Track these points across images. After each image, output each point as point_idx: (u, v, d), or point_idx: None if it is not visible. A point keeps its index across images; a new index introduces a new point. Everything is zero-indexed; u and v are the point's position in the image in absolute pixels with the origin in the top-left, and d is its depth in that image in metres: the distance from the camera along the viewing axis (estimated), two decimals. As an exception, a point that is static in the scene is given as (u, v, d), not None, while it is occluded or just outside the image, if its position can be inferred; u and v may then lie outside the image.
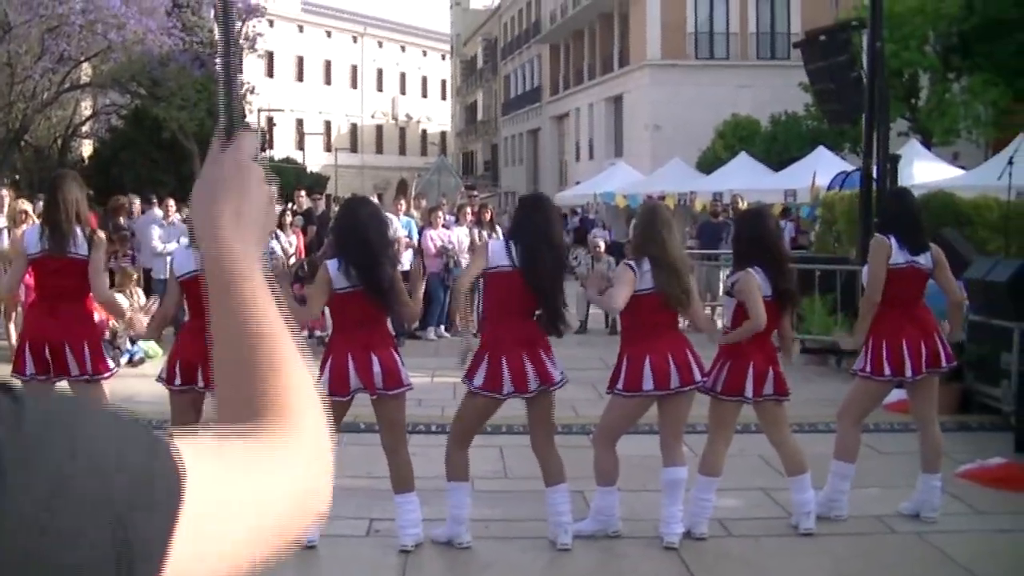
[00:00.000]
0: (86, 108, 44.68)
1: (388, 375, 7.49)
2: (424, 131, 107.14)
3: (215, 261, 1.48)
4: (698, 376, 7.74)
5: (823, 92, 18.75)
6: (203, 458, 1.12)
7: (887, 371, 8.29)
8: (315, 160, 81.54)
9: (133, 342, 15.85)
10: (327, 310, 8.07)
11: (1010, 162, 17.94)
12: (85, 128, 44.68)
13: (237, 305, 1.43)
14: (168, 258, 10.60)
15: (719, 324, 9.09)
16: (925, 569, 7.43)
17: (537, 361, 7.62)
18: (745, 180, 36.36)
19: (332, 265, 7.58)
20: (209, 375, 7.33)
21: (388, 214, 18.77)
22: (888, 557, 7.69)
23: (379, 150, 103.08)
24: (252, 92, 60.55)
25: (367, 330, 7.58)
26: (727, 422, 8.09)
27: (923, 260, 8.41)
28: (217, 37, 1.72)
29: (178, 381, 7.61)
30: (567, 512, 7.73)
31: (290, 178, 51.40)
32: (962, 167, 33.49)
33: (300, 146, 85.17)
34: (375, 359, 7.46)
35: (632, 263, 7.81)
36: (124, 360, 15.75)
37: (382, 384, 7.46)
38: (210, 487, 1.11)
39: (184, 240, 11.19)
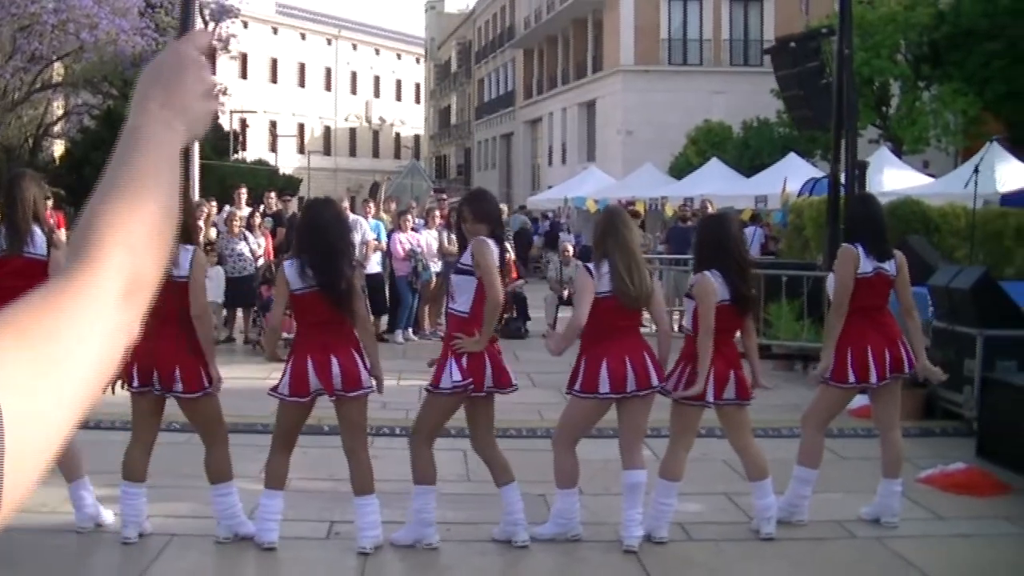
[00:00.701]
0: (58, 108, 44.51)
1: (347, 377, 7.47)
2: (398, 134, 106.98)
3: (131, 129, 1.52)
4: (655, 380, 7.75)
5: (793, 98, 18.83)
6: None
7: (851, 378, 8.32)
8: (288, 162, 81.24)
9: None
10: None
11: (976, 170, 18.05)
12: (57, 128, 44.51)
13: (128, 170, 1.46)
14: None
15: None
16: (884, 574, 7.46)
17: (497, 362, 7.65)
18: (716, 186, 36.47)
19: (289, 266, 7.59)
20: (169, 378, 7.33)
21: (357, 217, 18.83)
22: (848, 562, 7.72)
23: (352, 153, 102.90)
24: (225, 93, 60.53)
25: (327, 331, 7.56)
26: (688, 426, 8.11)
27: (888, 267, 8.45)
28: None
29: (136, 383, 7.58)
30: (521, 510, 7.75)
31: (262, 180, 51.21)
32: (932, 175, 33.65)
33: (273, 148, 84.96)
34: (334, 360, 7.44)
35: (590, 266, 7.83)
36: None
37: (341, 385, 7.44)
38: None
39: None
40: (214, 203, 21.21)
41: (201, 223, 18.76)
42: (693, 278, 8.27)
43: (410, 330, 19.43)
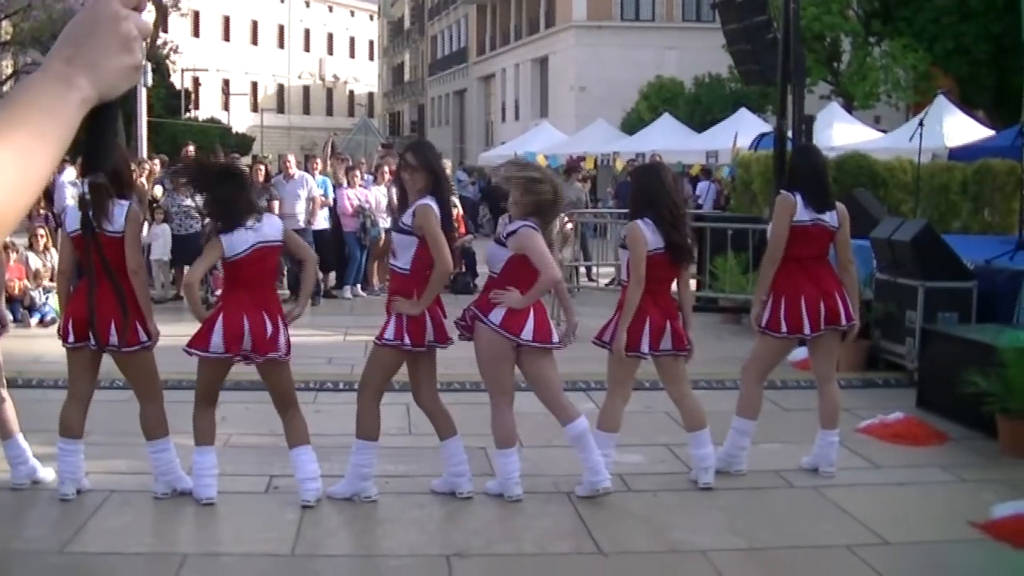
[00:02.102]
0: (6, 67, 44.05)
1: (273, 337, 7.50)
2: (351, 92, 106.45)
3: (26, 83, 1.54)
4: (555, 337, 7.78)
5: (740, 53, 18.81)
6: None
7: (783, 328, 8.35)
8: (241, 121, 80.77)
9: (45, 302, 15.69)
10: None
11: (921, 124, 18.12)
12: (5, 88, 44.06)
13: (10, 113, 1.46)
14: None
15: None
16: (819, 522, 7.51)
17: (437, 317, 7.65)
18: (668, 141, 36.58)
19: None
20: (105, 333, 7.28)
21: (304, 174, 18.75)
22: (784, 511, 7.77)
23: (306, 111, 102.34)
24: (176, 51, 60.06)
25: (261, 291, 7.62)
26: (624, 378, 8.13)
27: (828, 218, 8.45)
28: None
29: (71, 338, 7.53)
30: (465, 462, 7.77)
31: (214, 138, 50.95)
32: (883, 131, 33.81)
33: (226, 107, 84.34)
34: (267, 320, 7.45)
35: (521, 225, 7.73)
36: (35, 320, 15.60)
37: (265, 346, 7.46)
38: None
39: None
40: (157, 161, 21.03)
41: (145, 180, 18.72)
42: (626, 227, 8.28)
43: (358, 286, 19.38)
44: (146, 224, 17.83)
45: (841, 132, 30.38)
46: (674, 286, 8.28)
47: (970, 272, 12.13)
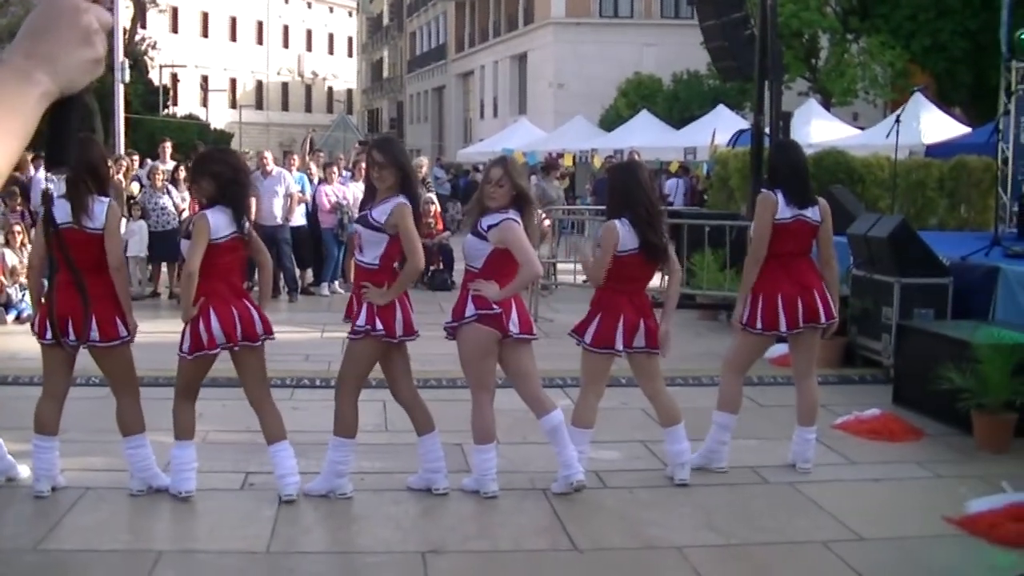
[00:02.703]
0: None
1: (251, 325, 7.53)
2: (330, 88, 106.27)
3: None
4: (535, 329, 7.84)
5: (717, 49, 18.84)
6: None
7: (759, 324, 8.36)
8: (220, 117, 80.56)
9: (21, 298, 15.63)
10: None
11: (897, 121, 18.18)
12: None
13: None
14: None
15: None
16: (794, 517, 7.53)
17: (406, 310, 7.65)
18: (646, 138, 36.61)
19: (213, 213, 7.50)
20: (80, 328, 7.26)
21: (281, 170, 18.71)
22: (760, 507, 7.79)
23: (285, 107, 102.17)
24: (154, 47, 59.82)
25: (238, 279, 7.64)
26: (598, 375, 8.14)
27: (811, 214, 8.46)
28: None
29: (48, 335, 7.51)
30: (442, 458, 7.78)
31: (193, 135, 50.74)
32: (861, 127, 33.90)
33: (204, 103, 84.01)
34: (235, 311, 7.46)
35: (503, 218, 7.73)
36: (11, 317, 15.54)
37: (243, 336, 7.47)
38: None
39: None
40: (135, 157, 20.95)
41: (121, 177, 18.65)
42: (602, 227, 8.29)
43: (336, 283, 19.35)
44: (123, 221, 17.82)
45: (819, 129, 30.45)
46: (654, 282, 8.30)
47: (946, 268, 12.17)
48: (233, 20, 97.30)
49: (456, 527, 7.27)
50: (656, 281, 9.94)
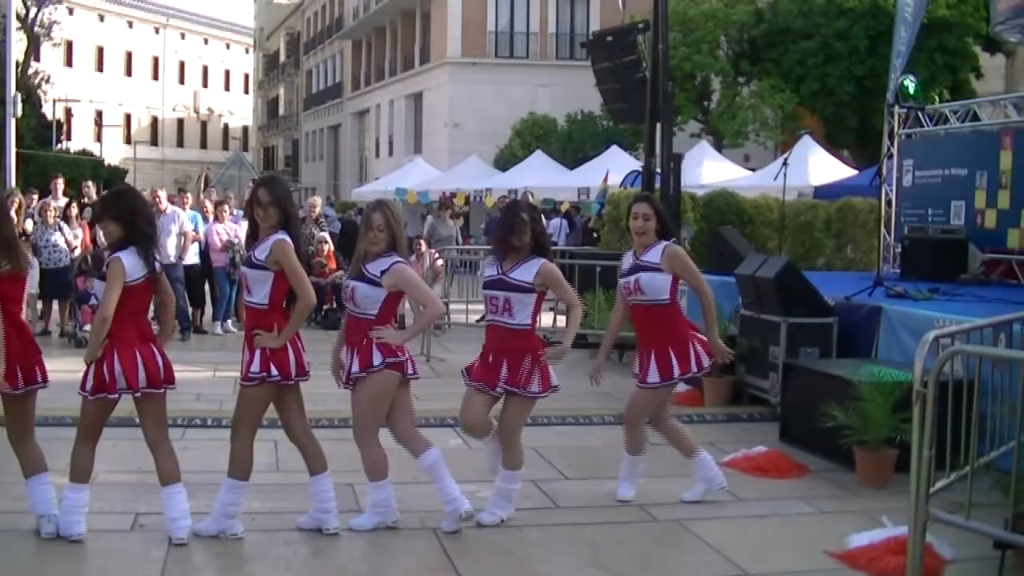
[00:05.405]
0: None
1: (163, 370, 7.49)
2: (226, 125, 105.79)
3: None
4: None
5: (609, 91, 19.10)
6: None
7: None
8: (114, 153, 79.75)
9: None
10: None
11: (785, 163, 18.52)
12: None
13: None
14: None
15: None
16: (682, 554, 7.65)
17: (297, 351, 7.67)
18: (540, 177, 36.90)
19: (127, 255, 7.41)
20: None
21: (176, 208, 18.61)
22: (648, 544, 7.89)
23: (180, 143, 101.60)
24: (48, 81, 59.15)
25: (143, 321, 7.57)
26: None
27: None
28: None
29: None
30: (332, 498, 7.79)
31: (86, 170, 50.14)
32: (752, 169, 34.49)
33: (99, 138, 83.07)
34: (156, 353, 7.45)
35: (393, 262, 7.79)
36: None
37: (146, 382, 7.42)
38: None
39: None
40: (36, 195, 20.69)
41: (13, 214, 18.43)
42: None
43: (228, 322, 19.26)
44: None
45: (711, 170, 30.95)
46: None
47: (830, 308, 12.44)
48: (129, 55, 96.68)
49: (347, 567, 7.27)
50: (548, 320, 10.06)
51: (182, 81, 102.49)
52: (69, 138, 71.50)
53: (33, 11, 55.24)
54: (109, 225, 7.54)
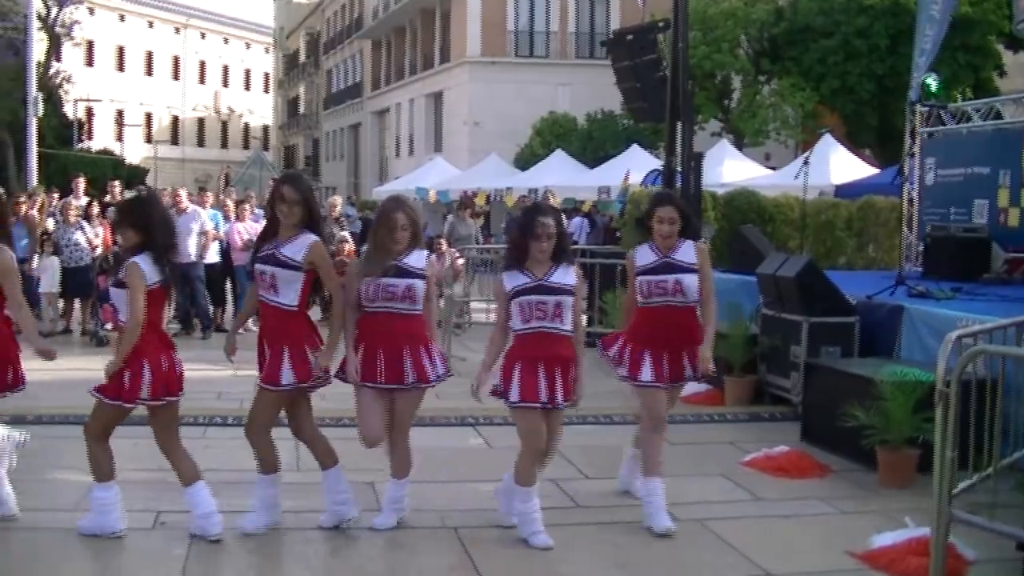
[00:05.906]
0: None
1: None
2: (246, 124, 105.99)
3: None
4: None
5: (630, 90, 19.08)
6: None
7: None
8: (135, 152, 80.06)
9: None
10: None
11: (806, 162, 18.46)
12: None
13: None
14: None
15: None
16: (703, 554, 7.63)
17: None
18: (560, 176, 36.81)
19: (143, 260, 7.38)
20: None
21: (196, 207, 18.64)
22: (669, 544, 7.85)
23: (200, 143, 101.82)
24: (69, 81, 59.29)
25: (162, 328, 7.57)
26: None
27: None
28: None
29: None
30: (348, 490, 7.79)
31: (106, 170, 50.31)
32: (773, 167, 34.36)
33: (120, 138, 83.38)
34: (174, 361, 7.47)
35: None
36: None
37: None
38: None
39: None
40: (56, 194, 20.76)
41: (36, 212, 18.50)
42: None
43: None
44: (36, 256, 17.68)
45: (731, 169, 30.82)
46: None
47: (852, 307, 12.38)
48: (149, 55, 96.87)
49: (365, 566, 7.27)
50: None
51: (202, 81, 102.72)
52: (90, 138, 71.60)
53: (54, 11, 55.31)
54: (127, 232, 7.54)
